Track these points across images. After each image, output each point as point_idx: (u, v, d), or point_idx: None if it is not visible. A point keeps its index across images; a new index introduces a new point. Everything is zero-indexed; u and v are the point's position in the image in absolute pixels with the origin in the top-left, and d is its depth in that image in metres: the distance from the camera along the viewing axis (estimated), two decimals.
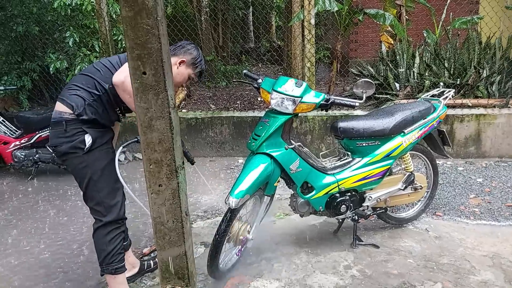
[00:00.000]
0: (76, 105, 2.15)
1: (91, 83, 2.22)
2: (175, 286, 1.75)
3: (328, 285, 2.44)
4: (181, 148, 1.65)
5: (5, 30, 5.71)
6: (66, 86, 2.28)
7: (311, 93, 2.44)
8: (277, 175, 2.48)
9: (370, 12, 5.08)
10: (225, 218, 2.39)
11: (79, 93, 2.19)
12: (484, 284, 2.40)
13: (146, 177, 1.62)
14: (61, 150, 2.16)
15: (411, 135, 2.78)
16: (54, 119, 2.20)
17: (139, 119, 1.54)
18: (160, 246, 1.70)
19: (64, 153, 2.18)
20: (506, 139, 4.59)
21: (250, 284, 2.49)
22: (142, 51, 1.47)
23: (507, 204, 3.45)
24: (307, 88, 2.45)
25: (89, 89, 2.21)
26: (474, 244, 2.85)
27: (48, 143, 2.29)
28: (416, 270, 2.56)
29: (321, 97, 2.44)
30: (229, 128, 5.08)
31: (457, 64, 5.35)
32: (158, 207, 1.65)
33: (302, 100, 2.40)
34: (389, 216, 3.03)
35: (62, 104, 2.19)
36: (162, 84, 1.51)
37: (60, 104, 2.20)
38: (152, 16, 1.44)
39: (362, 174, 2.68)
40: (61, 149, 2.17)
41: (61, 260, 2.93)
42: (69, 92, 2.21)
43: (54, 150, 2.22)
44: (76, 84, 2.23)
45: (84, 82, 2.22)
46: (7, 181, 4.68)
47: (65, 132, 2.15)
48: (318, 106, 2.45)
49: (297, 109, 2.42)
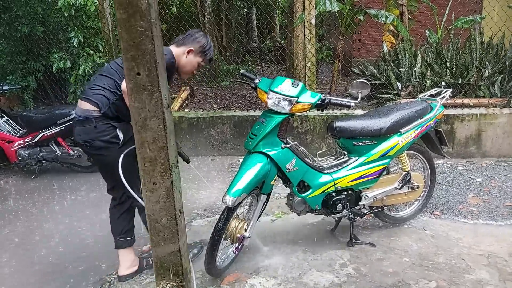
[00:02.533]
0: (101, 104, 2.33)
1: (112, 84, 2.37)
2: (169, 282, 1.79)
3: (324, 283, 2.47)
4: (175, 147, 1.69)
5: (10, 30, 5.78)
6: (89, 86, 2.45)
7: (307, 93, 2.47)
8: (273, 174, 2.51)
9: (371, 11, 5.09)
10: (222, 217, 2.43)
11: (103, 93, 2.36)
12: (479, 283, 2.41)
13: (140, 175, 1.66)
14: (96, 145, 2.34)
15: (408, 135, 2.80)
16: (81, 117, 2.36)
17: (134, 118, 1.58)
18: (154, 243, 1.74)
19: (99, 148, 2.36)
20: (507, 139, 4.58)
21: (246, 281, 2.53)
22: (136, 52, 1.51)
23: (505, 203, 3.45)
24: (303, 88, 2.47)
25: (111, 89, 2.37)
26: (471, 243, 2.87)
27: (76, 140, 2.43)
28: (411, 268, 2.58)
29: (317, 97, 2.47)
30: (230, 127, 5.11)
31: (459, 64, 5.34)
32: (153, 205, 1.69)
33: (298, 100, 2.43)
34: (386, 215, 3.05)
35: (87, 102, 2.35)
36: (156, 84, 1.54)
37: (85, 103, 2.36)
38: (146, 18, 1.47)
39: (359, 173, 2.71)
40: (96, 145, 2.34)
41: (63, 256, 2.98)
42: (93, 91, 2.37)
43: (88, 145, 2.37)
44: (99, 84, 2.39)
45: (106, 82, 2.38)
46: (11, 179, 4.76)
47: (95, 129, 2.33)
48: (314, 106, 2.48)
49: (293, 109, 2.45)
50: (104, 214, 3.63)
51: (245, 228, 2.54)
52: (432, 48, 5.81)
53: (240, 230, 2.52)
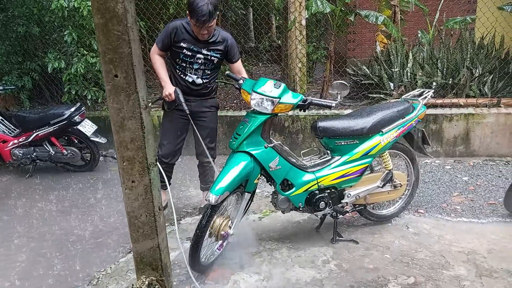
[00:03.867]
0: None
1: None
2: (149, 277, 1.86)
3: (305, 279, 2.54)
4: (153, 146, 1.75)
5: (6, 31, 5.84)
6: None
7: (289, 94, 2.54)
8: (257, 172, 2.57)
9: (362, 12, 5.15)
10: (206, 214, 2.50)
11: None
12: (456, 278, 2.48)
13: (120, 173, 1.73)
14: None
15: (389, 134, 2.86)
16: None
17: (112, 119, 1.65)
18: (134, 239, 1.81)
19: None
20: (494, 138, 4.64)
21: (230, 277, 2.59)
22: (113, 55, 1.57)
23: (489, 202, 3.51)
24: (286, 89, 2.54)
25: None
26: (452, 240, 2.93)
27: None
28: (392, 265, 2.65)
29: (299, 98, 2.53)
30: (223, 127, 5.18)
31: (450, 64, 5.40)
32: (132, 202, 1.76)
33: (280, 101, 2.49)
34: (370, 213, 3.12)
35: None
36: (133, 86, 1.61)
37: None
38: (122, 23, 1.54)
39: (341, 172, 2.77)
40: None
41: (53, 255, 3.05)
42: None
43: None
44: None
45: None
46: (6, 179, 4.82)
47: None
48: (296, 107, 2.55)
49: (275, 110, 2.51)
50: (96, 213, 3.71)
51: (229, 226, 2.60)
52: (424, 48, 5.87)
53: (224, 227, 2.58)
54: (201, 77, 3.09)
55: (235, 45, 3.11)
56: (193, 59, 3.03)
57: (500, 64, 5.22)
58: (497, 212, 3.32)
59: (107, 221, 3.54)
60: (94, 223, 3.50)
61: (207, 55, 3.03)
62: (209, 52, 3.03)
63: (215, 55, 3.05)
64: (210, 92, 3.23)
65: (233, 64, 3.15)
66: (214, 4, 2.73)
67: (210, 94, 3.25)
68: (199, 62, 3.04)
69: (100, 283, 2.65)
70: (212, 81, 3.20)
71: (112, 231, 3.35)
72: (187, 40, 2.97)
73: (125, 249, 3.06)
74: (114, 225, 3.45)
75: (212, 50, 3.03)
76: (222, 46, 3.05)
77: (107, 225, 3.47)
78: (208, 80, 3.15)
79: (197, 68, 3.06)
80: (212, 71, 3.14)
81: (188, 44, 2.98)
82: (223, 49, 3.06)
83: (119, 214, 3.65)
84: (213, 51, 3.04)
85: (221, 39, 3.04)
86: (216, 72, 3.21)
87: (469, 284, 2.41)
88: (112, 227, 3.42)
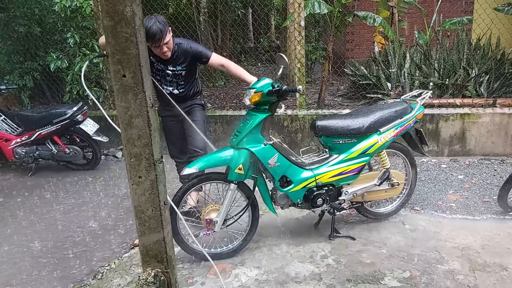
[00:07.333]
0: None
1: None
2: (155, 269, 1.93)
3: (304, 273, 2.61)
4: (159, 143, 1.83)
5: (7, 31, 5.90)
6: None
7: (261, 83, 2.65)
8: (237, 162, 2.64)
9: (359, 14, 5.23)
10: (181, 188, 2.68)
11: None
12: (450, 273, 2.55)
13: (127, 169, 1.80)
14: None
15: (387, 134, 2.93)
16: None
17: (120, 117, 1.72)
18: (141, 232, 1.88)
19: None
20: (490, 138, 4.73)
21: (231, 271, 2.67)
22: (122, 56, 1.65)
23: (484, 200, 3.60)
24: (264, 80, 2.66)
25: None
26: (447, 236, 3.01)
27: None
28: (388, 259, 2.73)
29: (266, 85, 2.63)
30: (223, 126, 5.25)
31: (447, 65, 5.49)
32: (139, 197, 1.83)
33: (255, 90, 2.62)
34: (368, 211, 3.19)
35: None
36: (140, 85, 1.68)
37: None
38: (131, 25, 1.61)
39: (339, 169, 2.85)
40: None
41: (57, 251, 3.12)
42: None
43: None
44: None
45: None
46: (8, 177, 4.89)
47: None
48: (267, 93, 2.60)
49: (251, 99, 2.63)
50: (99, 210, 3.78)
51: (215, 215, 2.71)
52: (421, 49, 5.96)
53: (209, 212, 2.70)
54: (176, 88, 3.19)
55: (199, 49, 3.09)
56: (164, 73, 3.11)
57: (496, 64, 5.31)
58: (491, 210, 3.40)
59: (109, 218, 3.61)
60: (97, 220, 3.57)
61: (174, 71, 3.10)
62: (174, 68, 3.09)
63: (181, 69, 3.10)
64: (193, 95, 3.30)
65: (209, 63, 3.12)
66: (161, 21, 2.79)
67: (194, 97, 3.31)
68: (170, 76, 3.12)
69: (105, 278, 2.72)
70: (190, 88, 3.26)
71: (115, 228, 3.42)
72: (154, 61, 3.05)
73: (128, 245, 3.13)
74: (117, 222, 3.52)
75: (177, 65, 3.08)
76: (186, 59, 3.08)
77: (110, 222, 3.54)
78: (185, 89, 3.22)
79: (171, 81, 3.15)
80: (185, 81, 3.19)
81: (156, 62, 3.06)
82: (188, 61, 3.09)
83: (121, 211, 3.73)
84: (178, 65, 3.09)
85: (183, 52, 3.06)
86: (191, 79, 3.24)
87: (462, 278, 2.49)
88: (115, 224, 3.49)
